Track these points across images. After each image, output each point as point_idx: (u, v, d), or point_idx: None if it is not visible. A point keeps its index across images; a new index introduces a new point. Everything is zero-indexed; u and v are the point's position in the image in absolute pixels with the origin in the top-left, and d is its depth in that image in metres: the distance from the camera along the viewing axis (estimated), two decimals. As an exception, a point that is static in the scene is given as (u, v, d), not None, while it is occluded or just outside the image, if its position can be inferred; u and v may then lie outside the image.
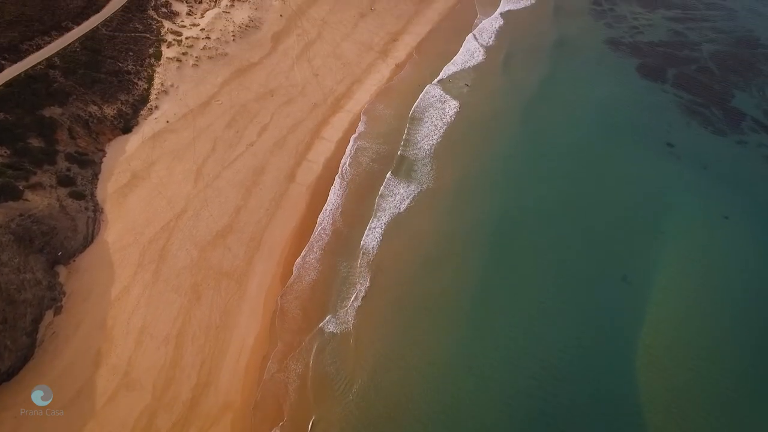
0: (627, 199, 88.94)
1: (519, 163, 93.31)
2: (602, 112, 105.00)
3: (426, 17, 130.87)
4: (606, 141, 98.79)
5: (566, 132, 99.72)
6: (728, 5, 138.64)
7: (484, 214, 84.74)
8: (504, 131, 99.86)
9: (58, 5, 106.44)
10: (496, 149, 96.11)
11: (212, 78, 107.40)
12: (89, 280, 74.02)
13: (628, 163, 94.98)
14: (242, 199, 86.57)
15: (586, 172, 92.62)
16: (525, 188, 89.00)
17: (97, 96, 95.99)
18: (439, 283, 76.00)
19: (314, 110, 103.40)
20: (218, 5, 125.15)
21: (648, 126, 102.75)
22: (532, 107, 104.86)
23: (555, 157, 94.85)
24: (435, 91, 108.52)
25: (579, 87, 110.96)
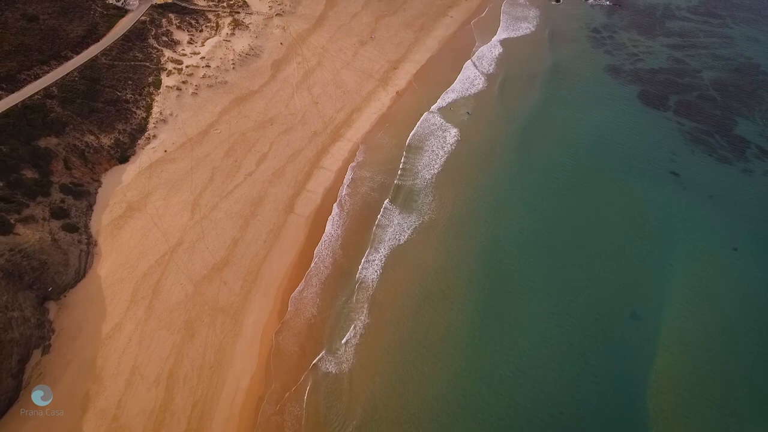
0: (633, 230, 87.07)
1: (521, 194, 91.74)
2: (605, 141, 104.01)
3: (426, 45, 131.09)
4: (610, 170, 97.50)
5: (569, 161, 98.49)
6: (726, 33, 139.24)
7: (486, 249, 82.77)
8: (505, 161, 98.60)
9: (58, 35, 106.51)
10: (497, 180, 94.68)
11: (211, 106, 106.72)
12: (80, 317, 71.58)
13: (634, 193, 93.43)
14: (239, 230, 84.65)
15: (590, 203, 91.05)
16: (527, 221, 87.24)
17: (94, 125, 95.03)
18: (439, 321, 73.62)
19: (314, 139, 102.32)
20: (219, 34, 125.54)
21: (652, 154, 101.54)
22: (534, 136, 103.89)
23: (558, 187, 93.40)
24: (435, 119, 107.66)
25: (580, 115, 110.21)
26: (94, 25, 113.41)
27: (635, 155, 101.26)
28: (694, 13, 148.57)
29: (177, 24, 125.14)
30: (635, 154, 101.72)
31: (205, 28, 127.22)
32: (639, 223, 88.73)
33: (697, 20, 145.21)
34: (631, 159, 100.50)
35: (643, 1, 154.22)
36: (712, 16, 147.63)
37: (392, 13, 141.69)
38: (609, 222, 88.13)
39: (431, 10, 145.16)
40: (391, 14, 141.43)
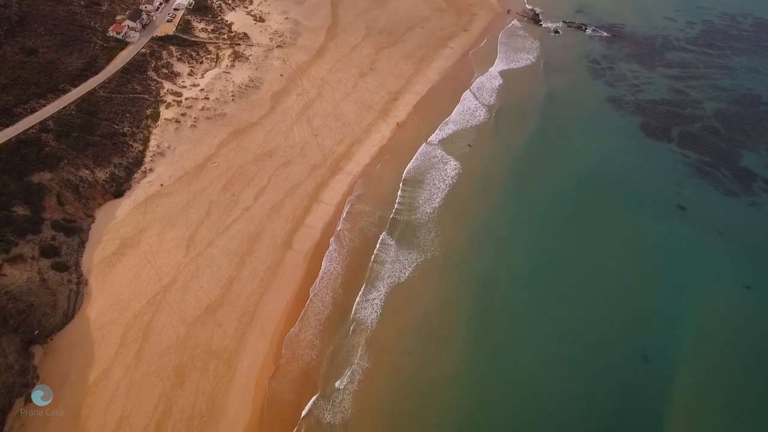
0: (641, 266, 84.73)
1: (524, 230, 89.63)
2: (609, 173, 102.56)
3: (426, 76, 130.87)
4: (615, 204, 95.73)
5: (572, 195, 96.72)
6: (726, 64, 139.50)
7: (489, 288, 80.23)
8: (507, 195, 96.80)
9: (56, 68, 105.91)
10: (499, 215, 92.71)
11: (210, 139, 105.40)
12: (66, 362, 68.35)
13: (640, 227, 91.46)
14: (235, 268, 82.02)
15: (595, 238, 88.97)
16: (530, 258, 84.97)
17: (89, 159, 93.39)
18: (440, 365, 70.57)
19: (313, 172, 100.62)
20: (219, 65, 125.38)
21: (657, 188, 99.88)
22: (536, 170, 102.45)
23: (562, 222, 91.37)
24: (436, 152, 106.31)
25: (583, 148, 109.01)
26: (94, 57, 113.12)
27: (640, 188, 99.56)
28: (693, 44, 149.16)
29: (178, 56, 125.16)
30: (640, 186, 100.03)
31: (206, 59, 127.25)
32: (646, 258, 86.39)
33: (697, 51, 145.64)
34: (636, 192, 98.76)
35: (641, 32, 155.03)
36: (711, 47, 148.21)
37: (392, 45, 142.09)
38: (615, 259, 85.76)
39: (431, 41, 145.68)
40: (391, 46, 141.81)
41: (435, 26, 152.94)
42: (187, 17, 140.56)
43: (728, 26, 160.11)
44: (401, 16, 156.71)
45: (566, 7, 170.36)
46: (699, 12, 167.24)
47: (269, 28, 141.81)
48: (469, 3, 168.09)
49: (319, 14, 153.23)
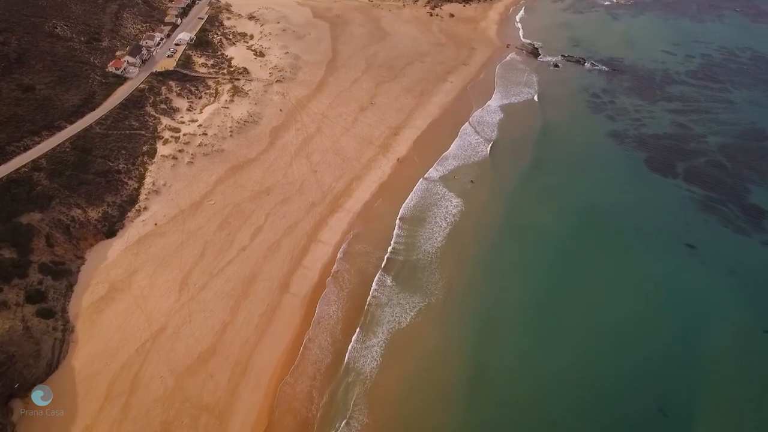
0: (652, 310, 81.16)
1: (529, 273, 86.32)
2: (615, 211, 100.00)
3: (426, 110, 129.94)
4: (622, 243, 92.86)
5: (579, 234, 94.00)
6: (728, 97, 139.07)
7: (494, 336, 76.62)
8: (511, 235, 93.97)
9: (53, 104, 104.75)
10: (503, 256, 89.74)
11: (206, 176, 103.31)
12: (47, 418, 64.15)
13: (649, 268, 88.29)
14: (230, 313, 78.49)
15: (603, 280, 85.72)
16: (536, 302, 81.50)
17: (82, 198, 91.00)
18: (442, 421, 66.24)
19: (312, 210, 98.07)
20: (218, 100, 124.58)
21: (665, 226, 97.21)
22: (540, 208, 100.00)
23: (569, 263, 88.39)
24: (438, 189, 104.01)
25: (587, 184, 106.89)
26: (92, 93, 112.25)
27: (648, 225, 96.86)
28: (694, 78, 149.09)
29: (177, 91, 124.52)
30: (647, 224, 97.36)
31: (205, 94, 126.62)
32: (656, 301, 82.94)
33: (698, 85, 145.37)
34: (644, 230, 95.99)
35: (641, 65, 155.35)
36: (711, 80, 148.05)
37: (392, 79, 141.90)
38: (623, 302, 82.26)
39: (431, 75, 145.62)
40: (391, 80, 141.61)
41: (435, 60, 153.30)
42: (188, 52, 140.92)
43: (727, 60, 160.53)
44: (401, 50, 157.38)
45: (564, 41, 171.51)
46: (697, 46, 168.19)
47: (269, 63, 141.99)
48: (468, 38, 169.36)
49: (319, 49, 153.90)
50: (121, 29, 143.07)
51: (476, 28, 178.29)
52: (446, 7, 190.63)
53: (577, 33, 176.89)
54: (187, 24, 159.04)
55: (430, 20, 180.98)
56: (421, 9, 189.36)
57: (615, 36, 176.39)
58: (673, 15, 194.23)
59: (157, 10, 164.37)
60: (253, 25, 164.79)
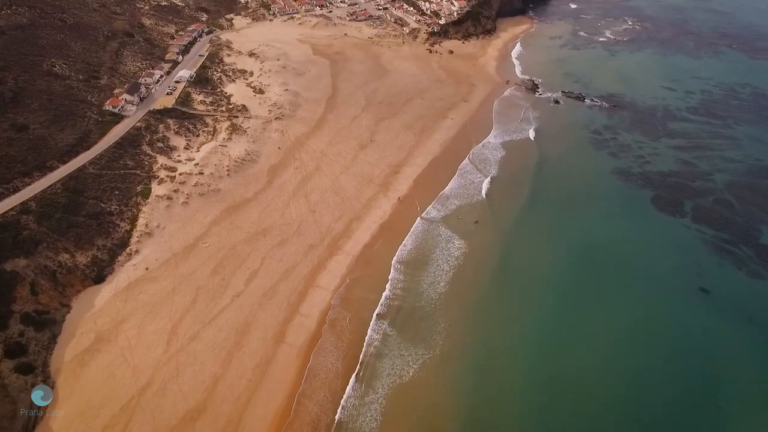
0: (668, 362, 76.67)
1: (536, 322, 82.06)
2: (624, 253, 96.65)
3: (427, 148, 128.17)
4: (634, 289, 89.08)
5: (588, 279, 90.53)
6: (731, 134, 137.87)
7: (502, 393, 71.81)
8: (518, 280, 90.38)
9: (46, 144, 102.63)
10: (509, 303, 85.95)
11: (202, 217, 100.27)
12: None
13: (662, 316, 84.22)
14: (221, 366, 73.94)
15: (616, 329, 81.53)
16: (546, 354, 77.13)
17: (71, 242, 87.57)
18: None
19: (310, 252, 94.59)
20: (216, 138, 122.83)
21: (676, 269, 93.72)
22: (547, 250, 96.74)
23: (578, 312, 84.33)
24: (440, 230, 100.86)
25: (594, 224, 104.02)
26: (87, 132, 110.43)
27: (658, 269, 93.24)
28: (695, 114, 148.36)
29: (175, 129, 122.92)
30: (658, 267, 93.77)
31: (203, 132, 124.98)
32: (672, 352, 78.59)
33: (700, 121, 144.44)
34: (655, 274, 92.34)
35: (641, 102, 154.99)
36: (713, 116, 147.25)
37: (392, 116, 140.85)
38: (636, 352, 78.05)
39: (431, 112, 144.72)
40: (391, 117, 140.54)
41: (434, 97, 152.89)
42: (188, 89, 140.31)
43: (727, 96, 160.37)
44: (401, 87, 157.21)
45: (563, 77, 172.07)
46: (696, 82, 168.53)
47: (268, 100, 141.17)
48: (467, 74, 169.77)
49: (319, 86, 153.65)
50: (120, 67, 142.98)
51: (475, 64, 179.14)
52: (445, 44, 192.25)
53: (576, 69, 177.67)
54: (188, 61, 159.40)
55: (430, 57, 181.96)
56: (420, 46, 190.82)
57: (613, 72, 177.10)
58: (671, 51, 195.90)
59: (158, 47, 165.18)
60: (253, 62, 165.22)
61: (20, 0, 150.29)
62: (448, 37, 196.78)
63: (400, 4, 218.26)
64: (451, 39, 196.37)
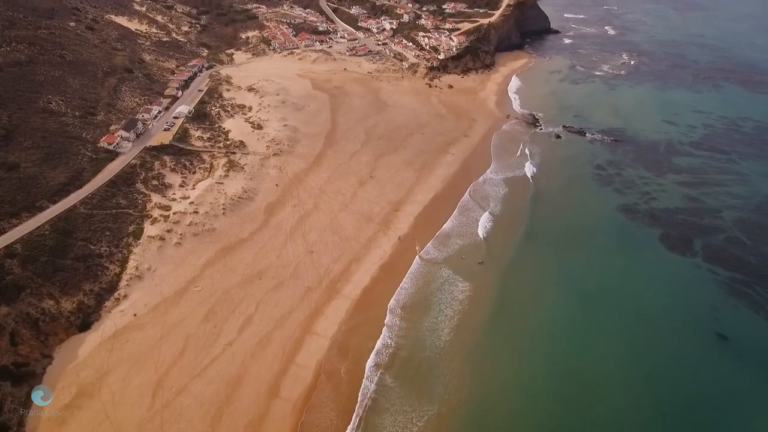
0: (689, 418, 71.17)
1: (547, 376, 76.92)
2: (635, 296, 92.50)
3: (428, 185, 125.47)
4: (647, 334, 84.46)
5: (599, 324, 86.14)
6: (737, 169, 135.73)
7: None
8: (525, 324, 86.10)
9: (37, 183, 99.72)
10: (517, 350, 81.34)
11: (195, 258, 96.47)
12: None
13: (680, 364, 79.57)
14: (209, 425, 68.79)
15: (630, 380, 76.47)
16: (557, 414, 71.75)
17: (56, 287, 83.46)
18: None
19: (307, 296, 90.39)
20: (212, 176, 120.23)
21: (691, 312, 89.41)
22: (556, 293, 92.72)
23: (591, 361, 79.64)
24: (442, 272, 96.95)
25: (602, 264, 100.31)
26: (80, 170, 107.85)
27: (672, 314, 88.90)
28: (698, 149, 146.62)
29: (171, 166, 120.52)
30: (672, 311, 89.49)
31: (199, 169, 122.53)
32: (692, 406, 73.33)
33: (704, 156, 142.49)
34: (668, 318, 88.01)
35: (643, 136, 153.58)
36: (717, 151, 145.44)
37: (392, 152, 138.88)
38: (653, 407, 72.70)
39: (431, 147, 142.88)
40: (392, 152, 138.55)
41: (435, 132, 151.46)
42: (186, 125, 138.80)
43: (730, 130, 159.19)
44: (401, 121, 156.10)
45: (563, 111, 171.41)
46: (697, 116, 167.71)
47: (267, 136, 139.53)
48: (467, 108, 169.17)
49: (318, 120, 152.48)
50: (118, 103, 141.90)
51: (475, 98, 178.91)
52: (445, 79, 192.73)
53: (576, 103, 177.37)
54: (187, 96, 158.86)
55: (429, 91, 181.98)
56: (420, 80, 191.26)
57: (614, 106, 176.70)
58: (670, 85, 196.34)
59: (158, 82, 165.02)
60: (252, 97, 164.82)
61: (21, 37, 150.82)
62: (447, 71, 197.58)
63: (399, 39, 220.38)
64: (450, 73, 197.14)
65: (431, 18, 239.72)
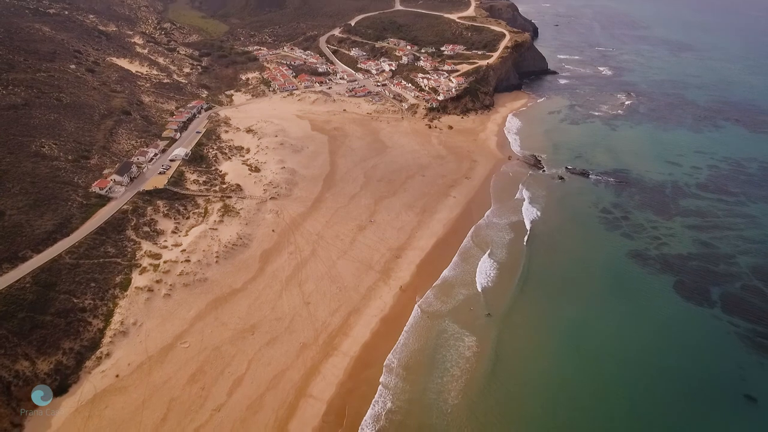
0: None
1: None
2: (654, 353, 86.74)
3: (430, 229, 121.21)
4: (670, 396, 78.02)
5: (618, 386, 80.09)
6: (747, 212, 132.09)
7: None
8: (539, 388, 79.61)
9: (22, 232, 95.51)
10: (528, 418, 74.50)
11: (184, 311, 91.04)
12: None
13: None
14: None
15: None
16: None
17: (33, 347, 77.64)
18: None
19: (302, 354, 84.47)
20: (206, 221, 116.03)
21: (714, 371, 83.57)
22: (568, 350, 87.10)
23: (611, 427, 72.78)
24: (447, 325, 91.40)
25: (616, 317, 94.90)
26: (68, 217, 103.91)
27: (694, 372, 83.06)
28: (705, 190, 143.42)
29: (164, 211, 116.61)
30: (693, 370, 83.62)
31: (193, 214, 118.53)
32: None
33: (711, 198, 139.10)
34: (690, 377, 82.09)
35: (648, 177, 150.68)
36: (724, 193, 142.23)
37: (392, 194, 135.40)
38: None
39: (433, 190, 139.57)
40: (392, 195, 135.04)
41: (436, 174, 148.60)
42: (182, 168, 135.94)
43: (735, 171, 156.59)
44: (401, 163, 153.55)
45: (565, 152, 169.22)
46: (701, 157, 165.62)
47: (264, 179, 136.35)
48: (468, 149, 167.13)
49: (316, 162, 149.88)
50: (113, 146, 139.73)
51: (476, 139, 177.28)
52: (444, 119, 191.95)
53: (577, 144, 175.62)
54: (185, 138, 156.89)
55: (429, 132, 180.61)
56: (419, 121, 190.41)
57: (615, 146, 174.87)
58: (671, 125, 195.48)
59: (155, 124, 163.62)
60: (250, 138, 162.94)
61: (18, 80, 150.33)
62: (447, 112, 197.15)
63: (399, 80, 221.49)
64: (450, 114, 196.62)
65: (430, 60, 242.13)
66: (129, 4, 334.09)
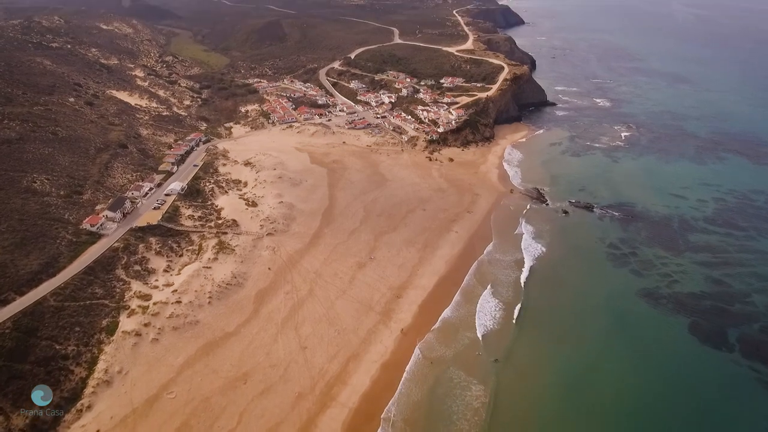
0: None
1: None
2: (677, 404, 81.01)
3: (432, 266, 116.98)
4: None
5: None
6: (758, 247, 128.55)
7: None
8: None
9: (5, 272, 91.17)
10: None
11: (172, 357, 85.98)
12: None
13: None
14: None
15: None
16: None
17: (8, 399, 72.21)
18: None
19: (298, 405, 79.06)
20: (200, 259, 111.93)
21: (741, 421, 77.75)
22: (582, 398, 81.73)
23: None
24: (452, 372, 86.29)
25: (632, 361, 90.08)
26: (56, 256, 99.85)
27: (713, 424, 77.21)
28: (713, 224, 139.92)
29: (156, 249, 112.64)
30: (713, 421, 77.90)
31: (186, 252, 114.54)
32: None
33: (721, 232, 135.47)
34: (716, 429, 76.20)
35: (654, 211, 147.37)
36: (733, 227, 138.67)
37: (393, 230, 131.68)
38: None
39: (434, 224, 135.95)
40: (392, 231, 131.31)
41: (437, 208, 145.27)
42: (177, 203, 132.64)
43: (743, 204, 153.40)
44: (401, 197, 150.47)
45: (568, 185, 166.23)
46: (707, 189, 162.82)
47: (261, 213, 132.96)
48: (470, 183, 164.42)
49: (315, 196, 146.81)
50: (107, 180, 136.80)
51: (477, 172, 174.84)
52: (445, 152, 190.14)
53: (580, 176, 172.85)
54: (182, 172, 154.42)
55: (430, 165, 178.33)
56: (419, 153, 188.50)
57: (619, 179, 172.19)
58: (674, 157, 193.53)
59: (152, 158, 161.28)
60: (248, 171, 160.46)
61: (14, 114, 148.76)
62: (447, 144, 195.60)
63: (398, 112, 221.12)
64: (450, 146, 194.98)
65: (429, 92, 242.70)
66: (132, 38, 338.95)
